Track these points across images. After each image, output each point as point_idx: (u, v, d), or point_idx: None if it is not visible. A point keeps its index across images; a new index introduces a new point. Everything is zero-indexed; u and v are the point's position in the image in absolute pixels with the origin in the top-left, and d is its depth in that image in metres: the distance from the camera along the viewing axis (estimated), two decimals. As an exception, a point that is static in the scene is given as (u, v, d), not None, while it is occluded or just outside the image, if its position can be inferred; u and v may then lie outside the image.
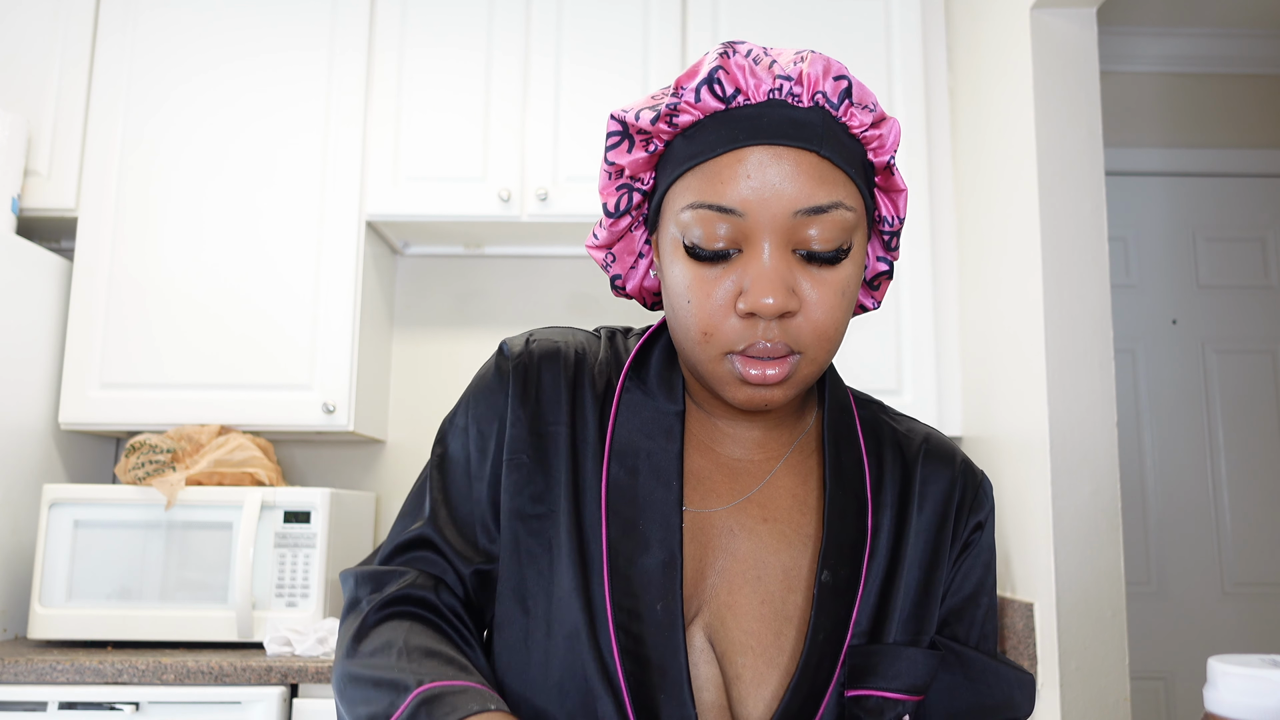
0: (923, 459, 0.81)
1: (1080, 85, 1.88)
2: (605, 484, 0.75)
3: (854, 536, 0.76)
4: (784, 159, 0.68)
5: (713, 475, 0.78)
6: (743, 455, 0.80)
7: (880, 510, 0.78)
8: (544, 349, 0.80)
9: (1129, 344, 2.79)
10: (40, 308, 2.19)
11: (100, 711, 1.77)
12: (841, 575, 0.74)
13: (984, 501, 0.82)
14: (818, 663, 0.72)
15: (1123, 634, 1.76)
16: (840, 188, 0.70)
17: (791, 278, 0.69)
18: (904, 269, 2.25)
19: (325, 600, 2.01)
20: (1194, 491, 2.77)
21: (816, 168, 0.69)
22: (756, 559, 0.75)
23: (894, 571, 0.76)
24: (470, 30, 2.35)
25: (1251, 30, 2.81)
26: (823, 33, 2.34)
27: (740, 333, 0.69)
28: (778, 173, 0.68)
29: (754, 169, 0.68)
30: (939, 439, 0.84)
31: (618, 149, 0.75)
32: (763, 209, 0.68)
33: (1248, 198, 2.87)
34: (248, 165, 2.29)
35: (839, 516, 0.76)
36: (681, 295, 0.71)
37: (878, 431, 0.83)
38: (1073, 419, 1.80)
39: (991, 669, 0.79)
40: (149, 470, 2.07)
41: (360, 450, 2.54)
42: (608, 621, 0.71)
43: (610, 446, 0.76)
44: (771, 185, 0.68)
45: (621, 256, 0.82)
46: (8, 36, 2.32)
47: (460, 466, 0.79)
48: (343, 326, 2.23)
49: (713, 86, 0.70)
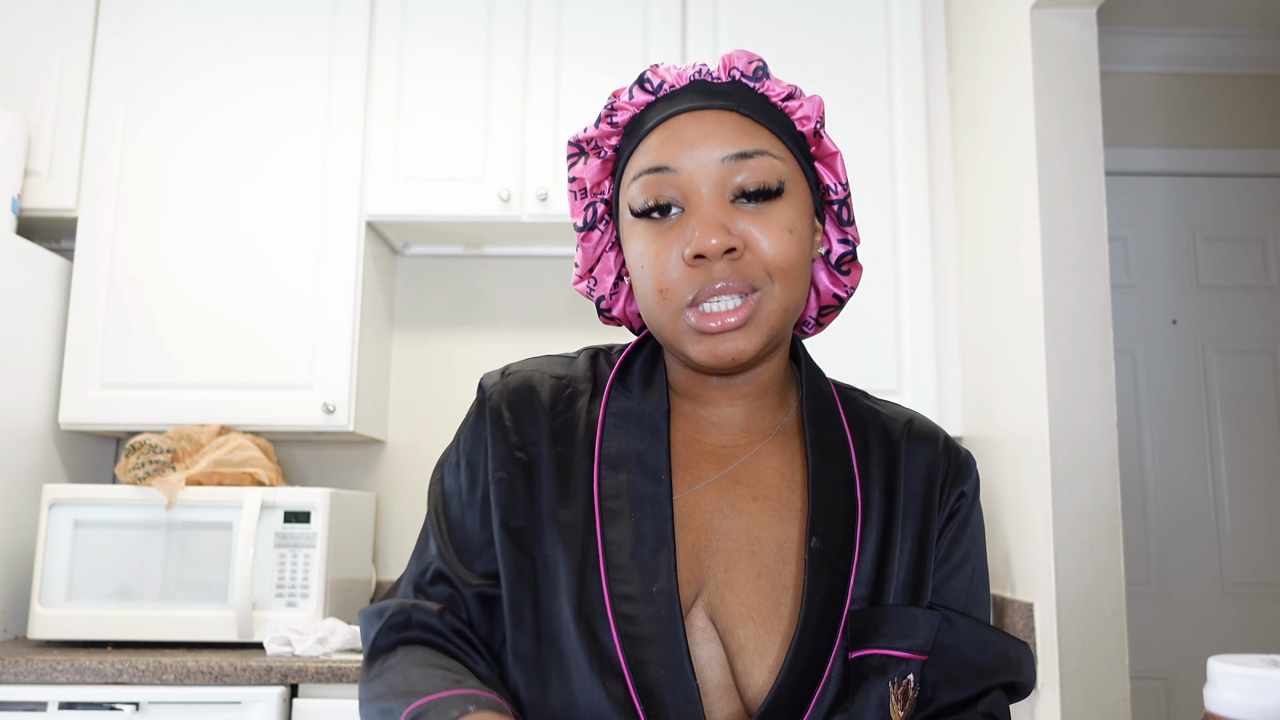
0: (907, 438, 0.84)
1: (1080, 85, 1.88)
2: (597, 489, 0.78)
3: (843, 506, 0.79)
4: (705, 119, 0.77)
5: (700, 464, 0.81)
6: (728, 441, 0.83)
7: (869, 484, 0.81)
8: (518, 380, 0.85)
9: (1129, 344, 2.79)
10: (40, 308, 2.19)
11: (100, 711, 1.77)
12: (833, 542, 0.77)
13: (967, 474, 0.85)
14: (816, 626, 0.74)
15: (1123, 634, 1.76)
16: (764, 140, 0.77)
17: (731, 222, 0.74)
18: (904, 269, 2.25)
19: (325, 600, 2.01)
20: (1194, 491, 2.77)
21: (738, 122, 0.77)
22: (750, 535, 0.78)
23: (888, 539, 0.79)
24: (470, 30, 2.35)
25: (1251, 30, 2.81)
26: (823, 33, 2.34)
27: (693, 280, 0.74)
28: (700, 129, 0.76)
29: (679, 129, 0.76)
30: (923, 420, 0.87)
31: (576, 165, 0.84)
32: (691, 161, 0.75)
33: (1248, 198, 2.87)
34: (247, 166, 2.29)
35: (824, 488, 0.79)
36: (638, 264, 0.77)
37: (861, 415, 0.86)
38: (1073, 419, 1.80)
39: (979, 633, 0.81)
40: (149, 470, 2.07)
41: (360, 450, 2.54)
42: (606, 611, 0.73)
43: (599, 456, 0.79)
44: (696, 139, 0.76)
45: (601, 278, 0.87)
46: (8, 36, 2.32)
47: (455, 498, 0.83)
48: (343, 326, 2.23)
49: (642, 84, 0.79)
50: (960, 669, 0.80)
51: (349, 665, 1.80)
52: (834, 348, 2.23)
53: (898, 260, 2.26)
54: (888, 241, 2.27)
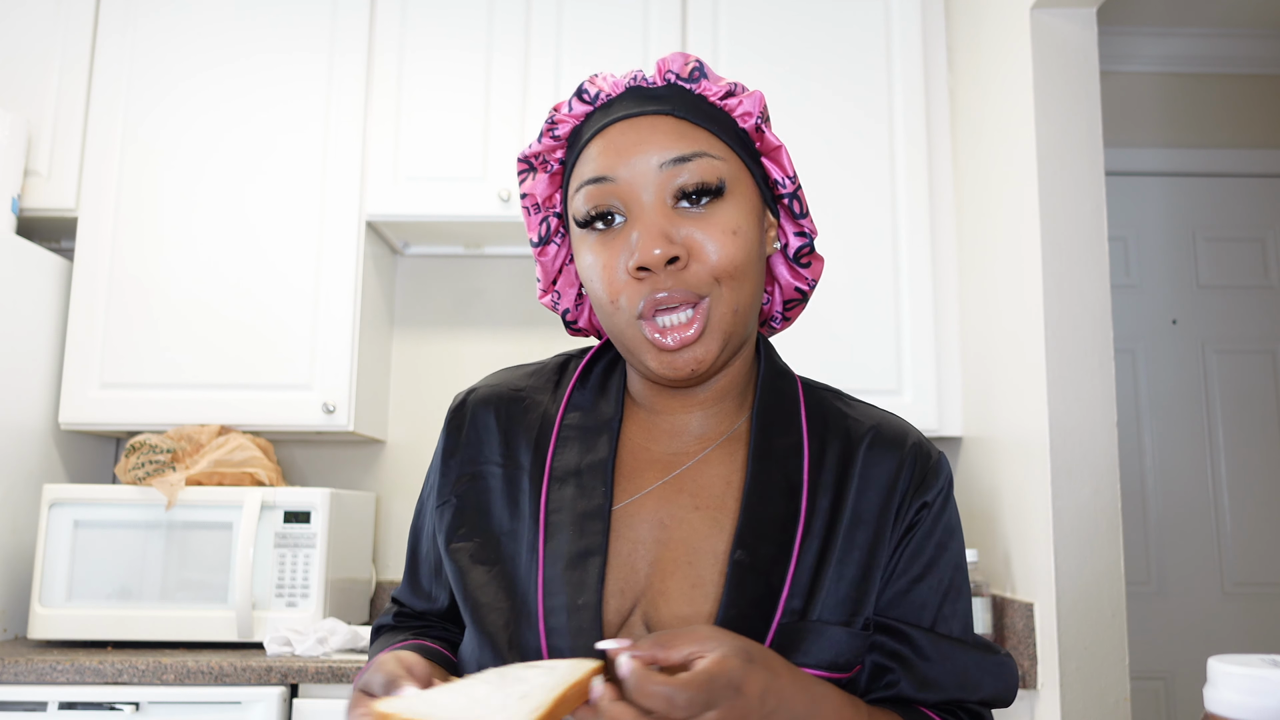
0: (868, 444, 0.81)
1: (1080, 85, 1.88)
2: (544, 503, 0.79)
3: (782, 516, 0.76)
4: (641, 125, 0.76)
5: (646, 472, 0.81)
6: (679, 448, 0.82)
7: (818, 491, 0.78)
8: (480, 396, 0.87)
9: (1129, 344, 2.79)
10: (40, 308, 2.19)
11: (100, 711, 1.77)
12: (764, 554, 0.75)
13: (932, 483, 0.81)
14: None
15: (1123, 634, 1.76)
16: (702, 141, 0.76)
17: (673, 229, 0.74)
18: (904, 269, 2.25)
19: (325, 600, 2.01)
20: (1194, 491, 2.77)
21: (675, 126, 0.76)
22: (689, 545, 0.77)
23: (828, 550, 0.76)
24: (470, 30, 2.35)
25: (1251, 30, 2.81)
26: (823, 32, 2.34)
27: (639, 291, 0.74)
28: (636, 136, 0.76)
29: (615, 138, 0.76)
30: (891, 424, 0.84)
31: (526, 181, 0.84)
32: (629, 169, 0.75)
33: (1248, 198, 2.87)
34: (247, 166, 2.29)
35: (760, 497, 0.77)
36: (588, 276, 0.78)
37: (826, 418, 0.83)
38: (1073, 419, 1.80)
39: (938, 648, 0.78)
40: (149, 470, 2.07)
41: (360, 450, 2.54)
42: (539, 624, 0.74)
43: (549, 470, 0.81)
44: (633, 146, 0.75)
45: (564, 291, 0.88)
46: (8, 36, 2.32)
47: (418, 520, 0.91)
48: (343, 326, 2.23)
49: (580, 94, 0.80)
50: (918, 680, 0.78)
51: (349, 665, 1.80)
52: (834, 348, 2.24)
53: (898, 260, 2.26)
54: (888, 241, 2.27)
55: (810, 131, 2.30)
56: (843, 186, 2.29)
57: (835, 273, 2.25)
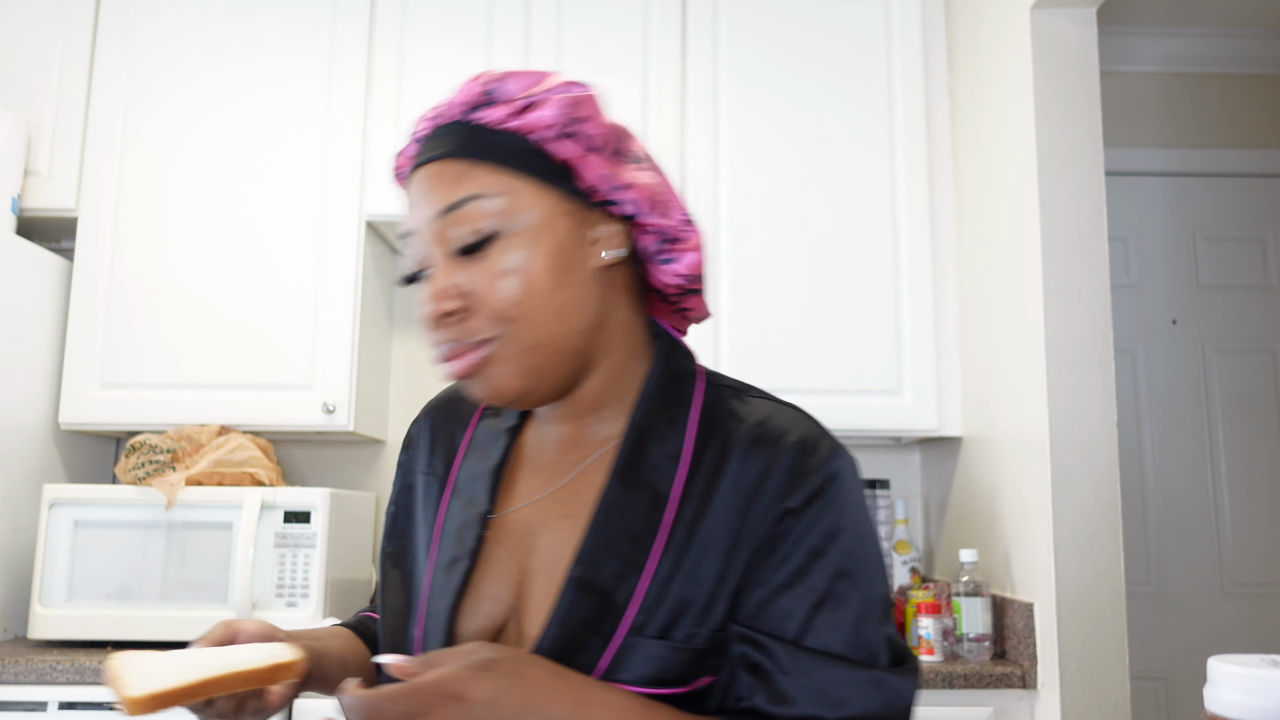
0: (743, 445, 0.76)
1: (1080, 85, 1.88)
2: (443, 511, 0.84)
3: (636, 530, 0.74)
4: (428, 175, 0.76)
5: (530, 480, 0.83)
6: (559, 457, 0.83)
7: (689, 501, 0.75)
8: (428, 406, 0.94)
9: (1129, 344, 2.79)
10: (40, 308, 2.19)
11: (100, 711, 1.77)
12: (609, 569, 0.73)
13: (802, 486, 0.74)
14: (568, 656, 0.72)
15: (1123, 634, 1.76)
16: (479, 182, 0.74)
17: (457, 279, 0.74)
18: (904, 269, 2.25)
19: (325, 600, 2.01)
20: (1194, 491, 2.77)
21: (451, 171, 0.75)
22: (554, 555, 0.78)
23: (679, 565, 0.74)
24: (470, 30, 2.35)
25: (1251, 30, 2.81)
26: (823, 32, 2.34)
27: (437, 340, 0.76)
28: (421, 188, 0.76)
29: (411, 189, 0.78)
30: (776, 423, 0.77)
31: None
32: (419, 222, 0.76)
33: (1248, 198, 2.87)
34: (247, 166, 2.29)
35: (616, 510, 0.75)
36: None
37: (716, 421, 0.79)
38: (1073, 419, 1.80)
39: (803, 664, 0.71)
40: (149, 470, 2.07)
41: (360, 450, 2.54)
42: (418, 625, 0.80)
43: (455, 478, 0.86)
44: (419, 198, 0.76)
45: None
46: (8, 36, 2.32)
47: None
48: (343, 326, 2.23)
49: (413, 135, 0.80)
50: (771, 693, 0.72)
51: (349, 665, 1.80)
52: (834, 348, 2.24)
53: (898, 260, 2.26)
54: (888, 241, 2.27)
55: (810, 131, 2.30)
56: (843, 186, 2.29)
57: (835, 272, 2.25)
